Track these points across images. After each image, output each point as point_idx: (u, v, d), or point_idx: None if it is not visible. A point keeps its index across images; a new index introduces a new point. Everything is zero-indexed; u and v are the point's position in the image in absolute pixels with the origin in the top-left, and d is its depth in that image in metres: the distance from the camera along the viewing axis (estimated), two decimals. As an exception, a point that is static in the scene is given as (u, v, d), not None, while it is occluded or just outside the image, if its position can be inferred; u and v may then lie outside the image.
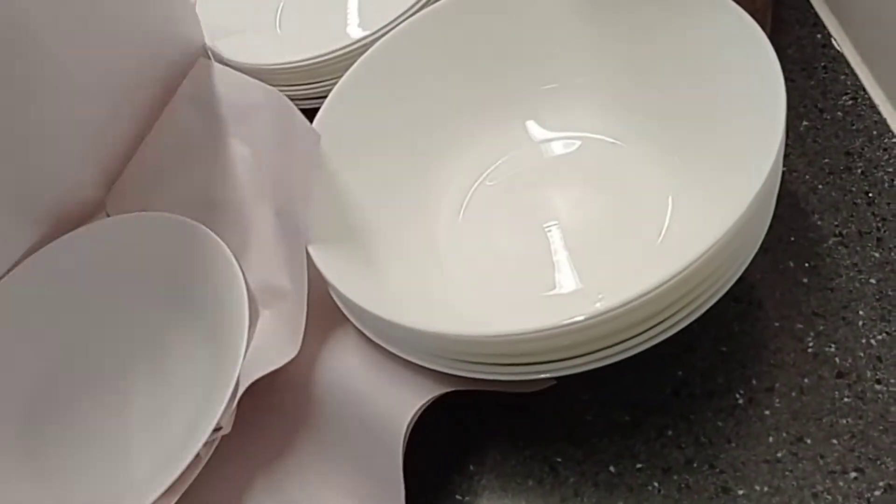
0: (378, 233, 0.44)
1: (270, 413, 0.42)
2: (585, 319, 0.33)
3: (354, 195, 0.44)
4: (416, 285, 0.42)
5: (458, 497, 0.40)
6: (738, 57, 0.39)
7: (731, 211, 0.33)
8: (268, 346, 0.41)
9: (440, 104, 0.47)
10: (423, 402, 0.38)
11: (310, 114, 0.46)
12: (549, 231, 0.44)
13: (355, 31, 0.58)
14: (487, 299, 0.42)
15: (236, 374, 0.39)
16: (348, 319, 0.40)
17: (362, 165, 0.45)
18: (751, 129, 0.37)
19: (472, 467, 0.41)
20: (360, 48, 0.49)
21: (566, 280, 0.42)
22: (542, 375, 0.37)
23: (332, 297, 0.41)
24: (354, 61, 0.47)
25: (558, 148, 0.47)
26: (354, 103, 0.46)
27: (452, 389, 0.38)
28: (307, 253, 0.40)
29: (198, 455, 0.37)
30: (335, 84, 0.46)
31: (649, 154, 0.43)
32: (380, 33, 0.49)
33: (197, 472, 0.38)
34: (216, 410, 0.38)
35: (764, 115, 0.36)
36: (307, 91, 0.54)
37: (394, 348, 0.38)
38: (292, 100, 0.52)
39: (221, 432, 0.38)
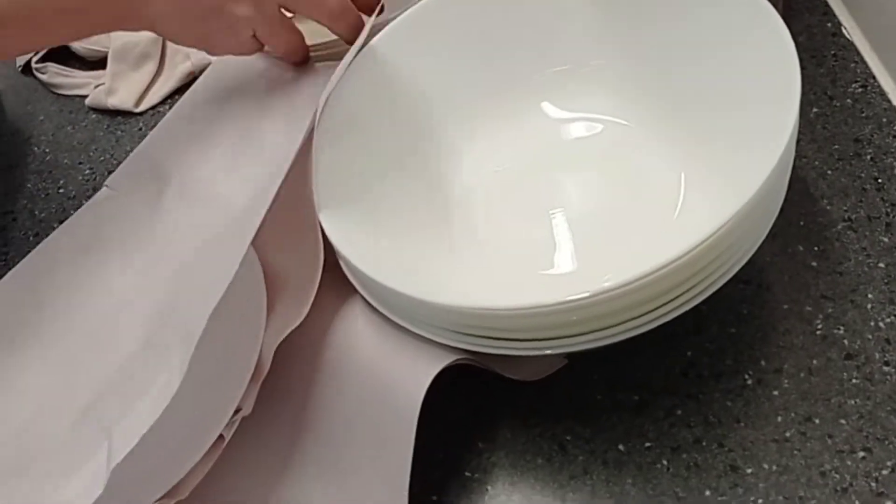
0: (391, 207, 0.44)
1: (283, 389, 0.42)
2: (593, 295, 0.33)
3: (369, 169, 0.44)
4: (427, 260, 0.42)
5: (468, 474, 0.41)
6: (753, 40, 0.39)
7: (743, 193, 0.34)
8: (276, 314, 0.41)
9: (455, 83, 0.48)
10: (437, 370, 0.38)
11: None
12: (560, 212, 0.44)
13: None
14: (497, 277, 0.42)
15: (255, 355, 0.39)
16: (358, 292, 0.41)
17: (377, 141, 0.46)
18: (765, 109, 0.37)
19: (481, 444, 0.42)
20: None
21: (575, 260, 0.42)
22: (549, 351, 0.37)
23: (341, 271, 0.41)
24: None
25: (572, 130, 0.47)
26: (370, 79, 0.46)
27: (465, 357, 0.38)
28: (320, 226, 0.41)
29: (220, 437, 0.37)
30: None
31: (662, 137, 0.44)
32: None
33: (218, 454, 0.38)
34: (236, 392, 0.38)
35: (778, 95, 0.36)
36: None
37: (404, 321, 0.39)
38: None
39: (242, 413, 0.38)
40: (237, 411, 0.38)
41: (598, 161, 0.45)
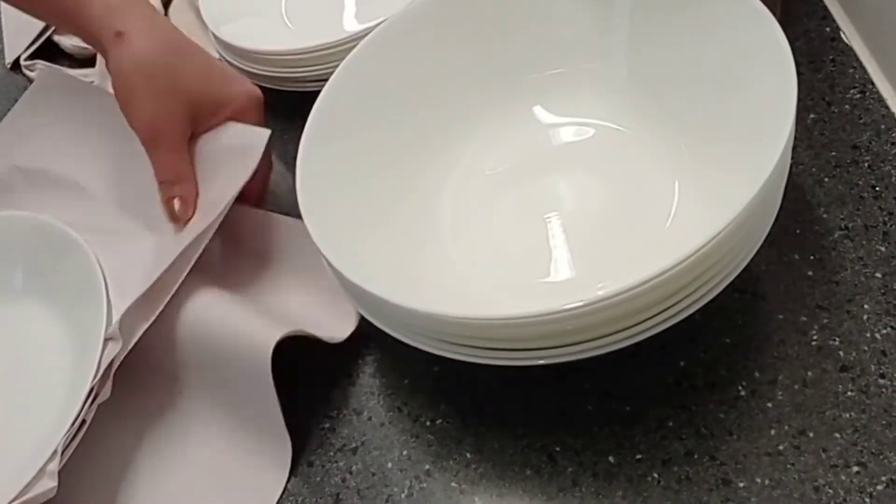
0: (379, 212, 0.43)
1: (146, 373, 0.44)
2: (586, 304, 0.32)
3: (358, 174, 0.44)
4: (413, 265, 0.41)
5: (455, 485, 0.40)
6: (750, 45, 0.38)
7: (738, 200, 0.33)
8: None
9: (446, 85, 0.47)
10: (282, 334, 0.40)
11: (303, 96, 0.46)
12: (553, 218, 0.43)
13: (356, 23, 0.58)
14: (486, 284, 0.41)
15: (101, 341, 0.41)
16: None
17: (366, 143, 0.45)
18: (760, 116, 0.36)
19: (468, 455, 0.41)
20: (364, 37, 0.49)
21: (568, 267, 0.41)
22: (541, 361, 0.36)
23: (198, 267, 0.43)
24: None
25: (564, 134, 0.46)
26: (360, 82, 0.45)
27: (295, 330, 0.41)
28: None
29: (83, 421, 0.40)
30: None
31: (656, 142, 0.43)
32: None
33: (81, 435, 0.40)
34: (88, 376, 0.41)
35: (774, 104, 0.36)
36: (311, 74, 0.53)
37: (387, 328, 0.38)
38: (296, 82, 0.51)
39: (100, 399, 0.41)
40: (94, 397, 0.41)
41: (591, 166, 0.44)
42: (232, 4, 0.60)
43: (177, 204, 0.46)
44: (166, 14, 0.66)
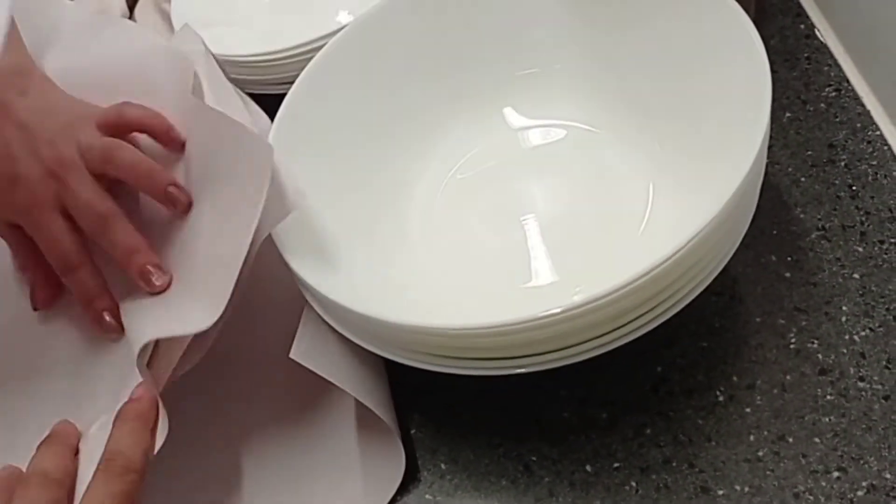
0: (347, 220, 0.42)
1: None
2: (562, 312, 0.32)
3: (323, 181, 0.42)
4: (385, 275, 0.40)
5: (429, 497, 0.39)
6: (723, 44, 0.38)
7: (714, 201, 0.32)
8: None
9: (414, 89, 0.46)
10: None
11: (276, 99, 0.44)
12: (526, 222, 0.42)
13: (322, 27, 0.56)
14: (460, 291, 0.40)
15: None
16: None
17: (331, 151, 0.44)
18: (735, 116, 0.36)
19: (443, 466, 0.40)
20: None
21: (542, 272, 0.40)
22: (517, 371, 0.35)
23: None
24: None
25: (536, 136, 0.45)
26: (324, 86, 0.44)
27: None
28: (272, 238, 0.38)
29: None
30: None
31: (630, 143, 0.42)
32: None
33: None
34: None
35: (748, 103, 0.35)
36: (275, 77, 0.52)
37: (360, 340, 0.37)
38: (259, 84, 0.50)
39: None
40: None
41: (564, 168, 0.44)
42: (203, 12, 0.58)
43: (153, 275, 0.39)
44: (131, 15, 0.64)
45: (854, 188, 0.44)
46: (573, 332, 0.33)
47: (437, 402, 0.42)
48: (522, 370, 0.35)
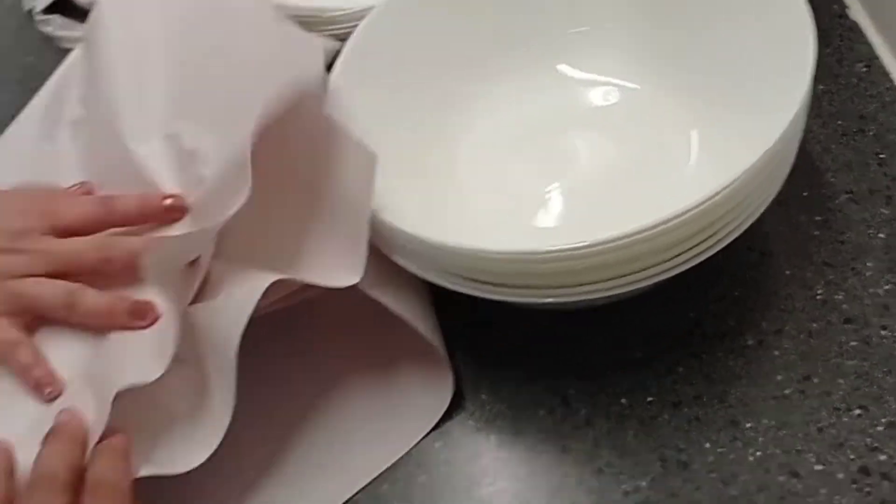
0: (399, 156, 0.43)
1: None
2: (599, 243, 0.33)
3: (384, 118, 0.44)
4: (437, 209, 0.42)
5: (472, 423, 0.41)
6: (771, 4, 0.40)
7: (756, 148, 0.34)
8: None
9: (471, 41, 0.48)
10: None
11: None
12: (572, 168, 0.44)
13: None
14: (504, 228, 0.42)
15: None
16: None
17: (390, 93, 0.46)
18: (778, 74, 0.38)
19: (484, 396, 0.42)
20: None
21: (583, 213, 0.42)
22: (550, 300, 0.37)
23: None
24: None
25: (585, 91, 0.48)
26: (387, 33, 0.46)
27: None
28: None
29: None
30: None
31: (675, 100, 0.44)
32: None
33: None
34: None
35: (792, 62, 0.37)
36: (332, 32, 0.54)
37: (407, 263, 0.39)
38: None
39: None
40: None
41: (610, 122, 0.46)
42: None
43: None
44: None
45: (882, 156, 0.46)
46: (610, 264, 0.35)
47: (480, 340, 0.44)
48: (551, 300, 0.37)
